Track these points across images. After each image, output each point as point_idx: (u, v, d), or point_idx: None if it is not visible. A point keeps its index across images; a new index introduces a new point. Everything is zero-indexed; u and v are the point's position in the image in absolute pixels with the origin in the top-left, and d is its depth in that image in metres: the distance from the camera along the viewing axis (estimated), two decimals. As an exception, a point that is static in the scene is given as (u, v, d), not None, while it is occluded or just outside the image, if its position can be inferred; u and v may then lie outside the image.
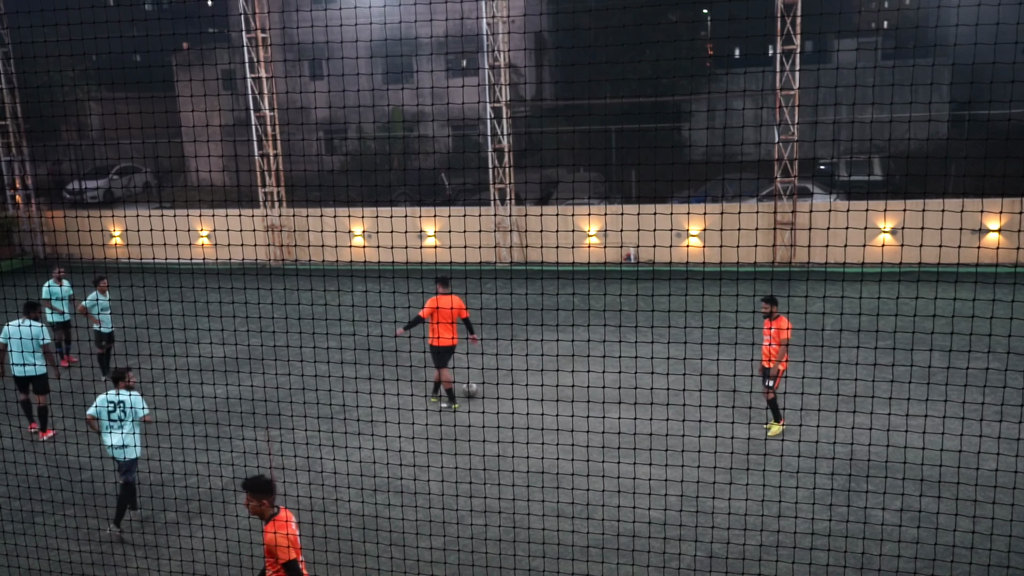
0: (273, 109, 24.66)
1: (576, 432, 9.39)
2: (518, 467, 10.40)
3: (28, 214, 27.32)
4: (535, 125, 26.32)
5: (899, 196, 20.14)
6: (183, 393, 11.47)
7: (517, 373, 12.83)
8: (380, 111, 26.98)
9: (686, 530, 9.20)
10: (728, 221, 17.80)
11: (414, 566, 8.70)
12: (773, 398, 11.30)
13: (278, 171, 25.09)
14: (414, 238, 23.34)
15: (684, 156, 23.92)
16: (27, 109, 26.99)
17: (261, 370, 12.79)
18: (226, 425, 11.99)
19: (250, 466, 10.98)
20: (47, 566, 8.65)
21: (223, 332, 9.29)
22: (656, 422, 11.99)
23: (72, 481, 10.49)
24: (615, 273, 19.59)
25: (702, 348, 9.60)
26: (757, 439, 10.41)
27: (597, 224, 22.61)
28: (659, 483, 9.62)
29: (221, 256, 21.41)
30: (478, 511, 9.39)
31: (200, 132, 26.31)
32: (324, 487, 10.12)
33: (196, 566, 8.63)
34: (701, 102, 25.60)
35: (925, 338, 12.84)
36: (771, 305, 11.02)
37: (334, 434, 11.39)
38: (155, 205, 28.15)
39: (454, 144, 28.25)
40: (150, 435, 11.10)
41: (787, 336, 11.00)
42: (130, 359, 15.35)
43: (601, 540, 9.01)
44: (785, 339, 10.95)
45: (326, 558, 8.63)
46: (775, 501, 8.87)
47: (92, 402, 9.73)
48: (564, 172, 24.85)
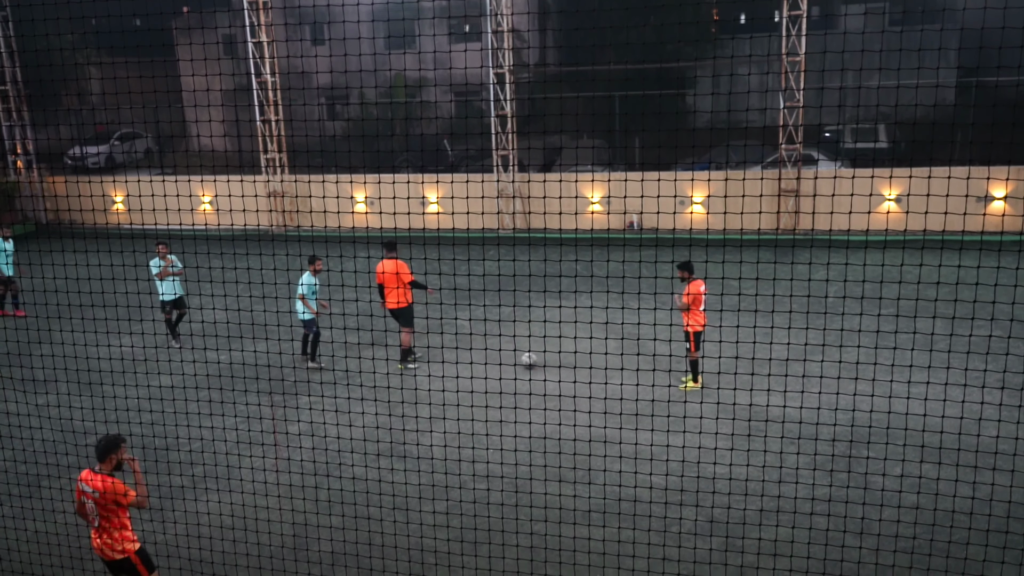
0: (274, 74, 24.46)
1: (578, 398, 9.43)
2: (520, 433, 10.46)
3: (30, 180, 27.24)
4: (538, 91, 26.12)
5: (904, 164, 20.03)
6: (187, 359, 11.51)
7: (519, 340, 12.86)
8: (382, 77, 26.77)
9: (687, 495, 9.26)
10: (732, 188, 17.72)
11: (417, 530, 8.78)
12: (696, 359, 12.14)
13: (280, 137, 24.95)
14: (416, 205, 23.27)
15: (688, 123, 23.77)
16: (27, 74, 26.80)
17: (264, 336, 12.83)
18: (230, 391, 12.05)
19: (254, 431, 11.07)
20: (53, 528, 8.74)
21: (226, 298, 9.30)
22: (658, 389, 12.02)
23: (77, 445, 10.57)
24: (618, 240, 19.54)
25: (705, 315, 9.59)
26: (759, 406, 10.45)
27: (600, 191, 22.52)
28: (660, 449, 9.67)
29: (223, 222, 21.37)
30: (480, 476, 9.45)
31: (201, 97, 26.21)
32: (328, 452, 10.19)
33: (201, 529, 8.71)
34: (706, 68, 25.37)
35: (928, 306, 12.82)
36: (684, 271, 11.95)
37: (337, 399, 11.44)
38: (156, 171, 28.03)
39: (457, 110, 28.06)
40: (154, 400, 11.15)
41: (691, 299, 11.84)
42: (133, 324, 15.38)
43: (603, 505, 9.08)
44: (687, 303, 11.84)
45: (330, 521, 8.70)
46: (776, 467, 8.91)
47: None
48: (567, 139, 24.71)
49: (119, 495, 6.78)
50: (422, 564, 8.18)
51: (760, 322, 12.03)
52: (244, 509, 8.92)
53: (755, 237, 19.42)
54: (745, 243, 11.05)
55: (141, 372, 12.41)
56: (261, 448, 10.59)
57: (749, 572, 7.66)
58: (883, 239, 12.13)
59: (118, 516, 6.85)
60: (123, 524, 6.89)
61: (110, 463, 6.85)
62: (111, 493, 6.74)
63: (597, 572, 7.81)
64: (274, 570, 8.15)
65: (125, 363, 13.08)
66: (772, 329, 9.44)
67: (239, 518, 8.81)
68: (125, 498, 6.81)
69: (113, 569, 7.06)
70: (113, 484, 6.77)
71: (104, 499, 6.76)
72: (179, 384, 11.84)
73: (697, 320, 12.03)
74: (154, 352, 13.81)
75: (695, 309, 11.97)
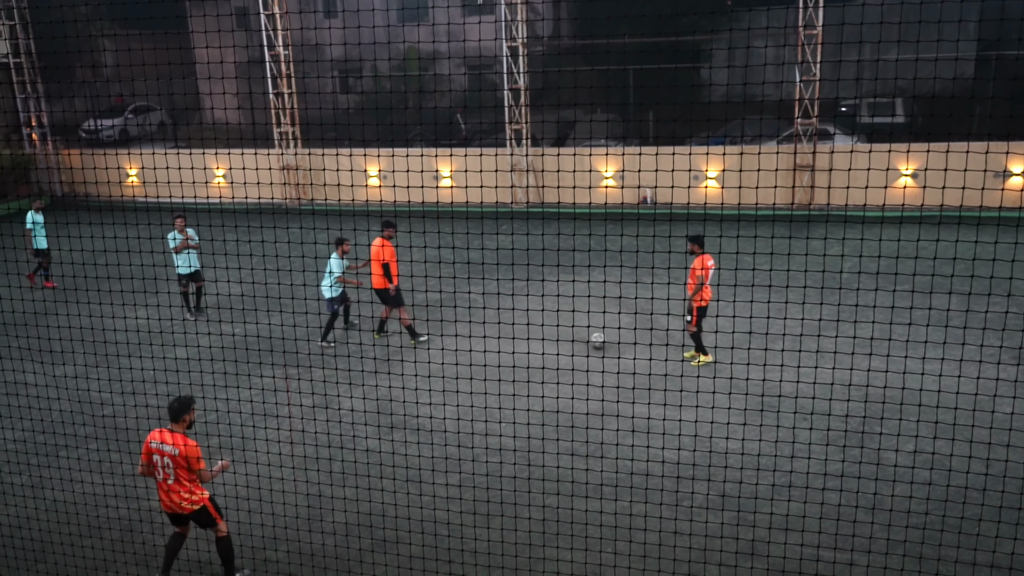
0: (287, 47, 24.37)
1: (591, 373, 9.44)
2: (533, 407, 10.50)
3: (45, 152, 27.32)
4: (552, 64, 25.93)
5: (922, 138, 19.82)
6: (202, 331, 11.59)
7: (532, 314, 12.87)
8: (395, 50, 26.64)
9: (699, 470, 9.28)
10: (747, 163, 17.59)
11: (430, 502, 8.84)
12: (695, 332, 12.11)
13: (293, 110, 24.90)
14: (429, 179, 23.23)
15: (703, 97, 23.57)
16: (40, 46, 26.80)
17: (279, 309, 12.88)
18: (245, 363, 12.12)
19: (268, 403, 11.15)
20: (71, 498, 8.85)
21: (240, 271, 9.33)
22: (671, 364, 12.03)
23: (94, 416, 10.68)
24: (631, 215, 19.47)
25: (718, 290, 9.56)
26: (772, 381, 10.44)
27: (614, 166, 22.41)
28: (672, 424, 9.69)
29: (237, 196, 21.42)
30: (493, 449, 9.50)
31: (214, 70, 26.15)
32: (341, 424, 10.26)
33: (217, 499, 8.80)
34: (721, 41, 25.11)
35: (944, 282, 12.75)
36: (695, 244, 11.88)
37: (351, 372, 11.50)
38: (170, 144, 28.07)
39: (470, 84, 27.91)
40: (169, 371, 11.23)
41: (702, 274, 11.79)
42: (148, 296, 15.48)
43: (615, 479, 9.12)
44: (698, 276, 11.77)
45: (344, 493, 8.78)
46: (788, 443, 8.92)
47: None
48: (581, 113, 24.56)
49: (192, 459, 7.19)
50: (435, 536, 8.25)
51: (774, 297, 11.99)
52: (259, 480, 9.00)
53: (770, 212, 19.31)
54: (760, 218, 11.00)
55: (157, 344, 12.50)
56: (276, 420, 10.67)
57: (760, 547, 7.69)
58: (899, 214, 12.02)
59: (190, 475, 7.26)
60: (193, 479, 7.29)
61: (183, 423, 7.29)
62: (191, 455, 7.18)
63: (608, 545, 7.86)
64: (288, 540, 8.24)
65: (141, 335, 13.18)
66: (786, 304, 9.41)
67: (254, 488, 8.90)
68: (198, 463, 7.22)
69: (184, 521, 7.53)
70: (194, 447, 7.23)
71: (183, 459, 7.17)
72: (194, 356, 11.93)
73: (703, 295, 12.01)
74: (169, 324, 13.90)
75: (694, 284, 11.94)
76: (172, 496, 7.31)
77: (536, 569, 7.67)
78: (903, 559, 7.39)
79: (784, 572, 7.37)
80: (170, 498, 7.32)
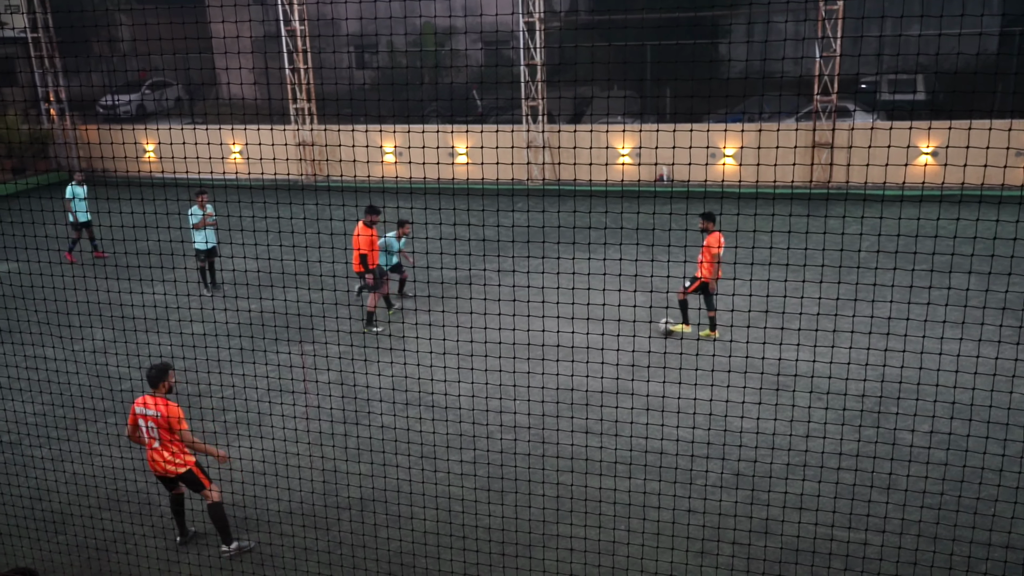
0: (303, 22, 24.27)
1: (606, 351, 9.43)
2: (548, 384, 10.51)
3: (63, 128, 27.42)
4: (568, 40, 25.73)
5: (943, 116, 19.57)
6: (218, 307, 11.66)
7: (548, 291, 12.86)
8: (411, 25, 26.49)
9: (713, 448, 9.29)
10: (764, 140, 17.43)
11: (444, 478, 8.89)
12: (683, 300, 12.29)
13: (309, 86, 24.85)
14: (445, 155, 23.16)
15: (721, 73, 23.34)
16: (58, 21, 26.81)
17: (295, 285, 12.94)
18: (261, 339, 12.19)
19: (285, 379, 11.21)
20: (90, 471, 8.96)
21: (256, 247, 9.36)
22: (687, 342, 11.99)
23: (112, 391, 10.78)
24: (648, 193, 19.36)
25: (735, 268, 9.51)
26: (787, 360, 10.40)
27: (630, 143, 22.27)
28: (687, 402, 9.68)
29: (253, 172, 21.43)
30: (508, 426, 9.53)
31: (230, 45, 26.08)
32: (357, 400, 10.31)
33: (234, 474, 8.89)
34: (740, 16, 24.81)
35: (964, 261, 12.63)
36: (707, 221, 11.96)
37: (366, 349, 11.55)
38: (187, 120, 28.11)
39: (486, 60, 27.75)
40: (187, 347, 11.31)
41: (718, 252, 11.85)
42: (166, 272, 15.58)
43: (628, 456, 9.13)
44: (715, 254, 11.84)
45: (359, 469, 8.84)
46: (803, 422, 8.90)
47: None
48: (597, 89, 24.39)
49: (173, 419, 7.49)
50: (449, 512, 8.30)
51: (791, 276, 11.93)
52: (275, 455, 9.08)
53: (788, 191, 19.16)
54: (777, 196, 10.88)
55: (174, 320, 12.58)
56: (292, 396, 10.74)
57: (774, 525, 7.69)
58: (919, 193, 11.90)
59: (172, 436, 7.54)
60: (175, 440, 7.56)
61: (163, 389, 7.60)
62: (172, 416, 7.50)
63: (622, 523, 7.88)
64: (304, 515, 8.32)
65: (159, 311, 13.27)
66: (803, 283, 9.36)
67: (270, 464, 8.97)
68: (179, 423, 7.51)
69: (173, 484, 7.80)
70: (175, 407, 7.54)
71: (164, 420, 7.47)
72: (211, 332, 12.00)
73: (710, 272, 11.99)
74: (187, 300, 13.98)
75: (711, 262, 11.92)
76: (157, 459, 7.59)
77: (550, 546, 7.71)
78: (918, 539, 7.38)
79: (798, 551, 7.38)
80: (156, 461, 7.61)
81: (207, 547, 7.93)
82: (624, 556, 7.46)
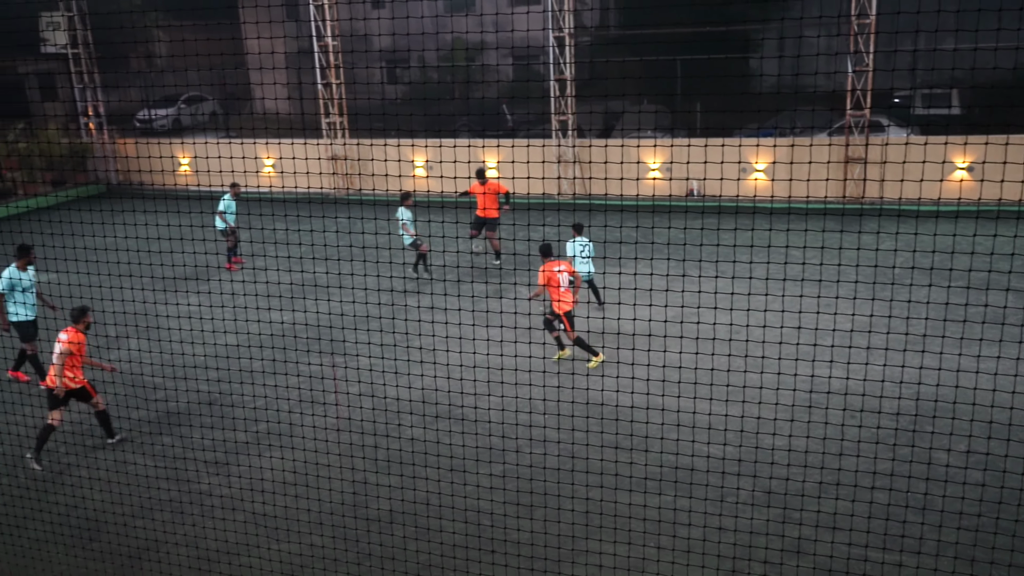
0: (335, 37, 24.54)
1: (636, 366, 9.40)
2: (578, 399, 10.49)
3: (101, 141, 27.90)
4: (598, 55, 25.78)
5: (979, 131, 19.32)
6: (251, 318, 11.76)
7: (578, 306, 12.85)
8: (442, 40, 26.67)
9: (744, 466, 9.20)
10: (796, 155, 17.33)
11: (474, 491, 8.89)
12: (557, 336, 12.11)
13: (341, 100, 25.08)
14: (475, 170, 23.26)
15: (751, 87, 23.25)
16: (97, 37, 27.33)
17: (326, 297, 13.02)
18: (292, 350, 12.29)
19: (316, 390, 11.28)
20: (124, 479, 9.07)
21: (289, 259, 9.46)
22: (718, 358, 11.92)
23: (147, 400, 10.92)
24: (678, 207, 19.31)
25: (767, 284, 9.46)
26: (820, 378, 10.29)
27: (659, 157, 22.22)
28: (718, 419, 9.62)
29: (286, 185, 21.65)
30: (537, 440, 9.52)
31: (264, 60, 26.45)
32: (387, 412, 10.35)
33: (264, 484, 8.96)
34: (771, 30, 24.73)
35: (1001, 278, 12.44)
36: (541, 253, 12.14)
37: (397, 361, 11.59)
38: (221, 134, 28.49)
39: (516, 74, 27.87)
40: (220, 358, 11.42)
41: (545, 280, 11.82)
42: (200, 284, 15.76)
43: (659, 473, 9.08)
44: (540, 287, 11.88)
45: (389, 481, 8.87)
46: (836, 440, 8.79)
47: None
48: (627, 104, 24.38)
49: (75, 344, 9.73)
50: (478, 526, 8.30)
51: (824, 292, 11.81)
52: (306, 466, 9.14)
53: (821, 206, 18.99)
54: (810, 212, 10.85)
55: (208, 331, 12.73)
56: (323, 407, 10.80)
57: (806, 545, 7.61)
58: (955, 209, 11.75)
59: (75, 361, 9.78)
60: (76, 364, 9.80)
61: (83, 324, 9.93)
62: (77, 343, 9.77)
63: (651, 540, 7.83)
64: (334, 526, 8.35)
65: (193, 321, 13.43)
66: (836, 300, 9.28)
67: (300, 474, 9.03)
68: (79, 348, 9.77)
69: (72, 395, 9.87)
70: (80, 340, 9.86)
71: (71, 346, 9.66)
72: (244, 343, 12.12)
73: (561, 299, 11.83)
74: (220, 311, 14.14)
75: (553, 290, 11.81)
76: (62, 378, 9.63)
77: (578, 561, 7.68)
78: (954, 561, 7.26)
79: (830, 571, 7.29)
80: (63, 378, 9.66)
81: (238, 556, 7.99)
82: (654, 573, 7.41)
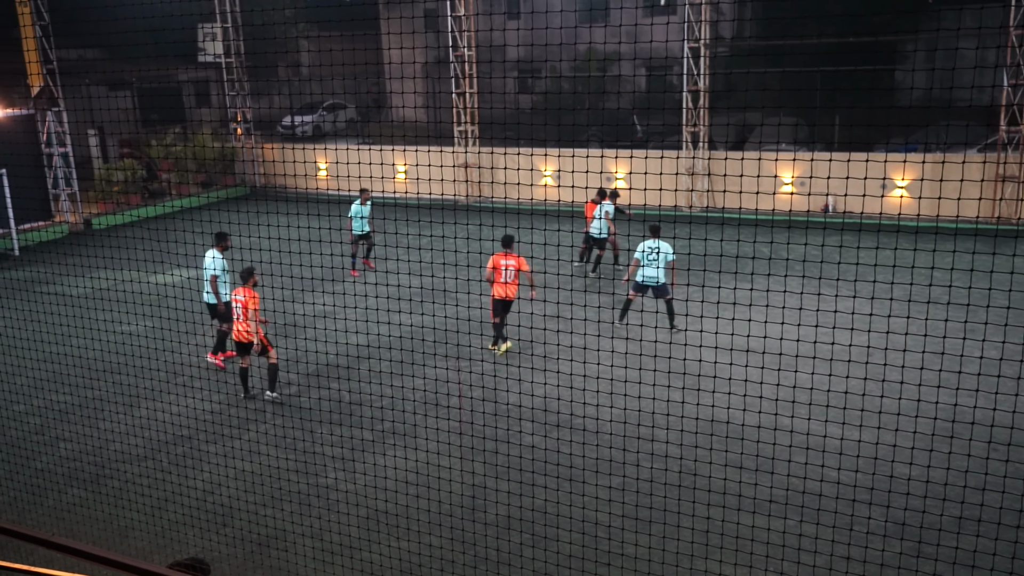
0: (472, 48, 25.00)
1: (765, 385, 9.14)
2: (702, 416, 10.28)
3: (247, 146, 29.35)
4: (734, 66, 25.26)
5: None
6: (382, 320, 12.11)
7: (707, 321, 12.62)
8: (575, 51, 26.76)
9: (876, 495, 8.79)
10: (942, 172, 16.46)
11: (590, 503, 8.85)
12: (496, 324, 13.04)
13: (474, 110, 25.52)
14: (604, 180, 23.20)
15: (894, 100, 22.27)
16: (248, 47, 28.79)
17: (455, 302, 13.25)
18: (419, 352, 12.57)
19: (440, 393, 11.49)
20: (258, 469, 9.49)
21: (420, 264, 9.69)
22: (852, 380, 11.45)
23: (281, 394, 11.39)
24: (814, 223, 18.67)
25: (910, 306, 9.01)
26: (965, 407, 9.73)
27: (793, 171, 21.56)
28: (850, 444, 9.23)
29: (419, 191, 22.19)
30: (658, 455, 9.39)
31: (401, 70, 27.21)
32: (509, 419, 10.43)
33: (387, 482, 9.18)
34: (919, 42, 23.62)
35: None
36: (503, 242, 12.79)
37: (520, 368, 11.67)
38: (360, 140, 29.49)
39: (648, 85, 27.65)
40: (349, 357, 11.79)
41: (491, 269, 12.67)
42: (335, 284, 16.33)
43: (784, 496, 8.79)
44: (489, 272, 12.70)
45: (507, 487, 8.93)
46: (979, 473, 8.29)
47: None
48: (762, 116, 23.80)
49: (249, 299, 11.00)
50: (595, 537, 8.24)
51: (972, 317, 11.16)
52: (427, 467, 9.31)
53: (971, 226, 17.99)
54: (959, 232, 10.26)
55: (340, 330, 13.17)
56: (447, 410, 11.00)
57: (943, 582, 7.19)
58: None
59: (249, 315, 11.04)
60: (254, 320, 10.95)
61: (251, 283, 11.09)
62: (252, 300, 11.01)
63: (773, 564, 7.58)
64: (453, 528, 8.47)
65: (327, 321, 13.93)
66: (985, 326, 8.78)
67: (421, 475, 9.21)
68: (254, 302, 10.96)
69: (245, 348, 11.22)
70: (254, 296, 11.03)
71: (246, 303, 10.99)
72: (374, 344, 12.48)
73: (496, 290, 12.81)
74: (352, 312, 14.62)
75: (496, 279, 12.69)
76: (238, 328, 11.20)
77: (697, 581, 7.51)
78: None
79: (969, 613, 6.87)
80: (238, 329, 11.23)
81: (359, 551, 8.22)
82: (776, 600, 7.17)
